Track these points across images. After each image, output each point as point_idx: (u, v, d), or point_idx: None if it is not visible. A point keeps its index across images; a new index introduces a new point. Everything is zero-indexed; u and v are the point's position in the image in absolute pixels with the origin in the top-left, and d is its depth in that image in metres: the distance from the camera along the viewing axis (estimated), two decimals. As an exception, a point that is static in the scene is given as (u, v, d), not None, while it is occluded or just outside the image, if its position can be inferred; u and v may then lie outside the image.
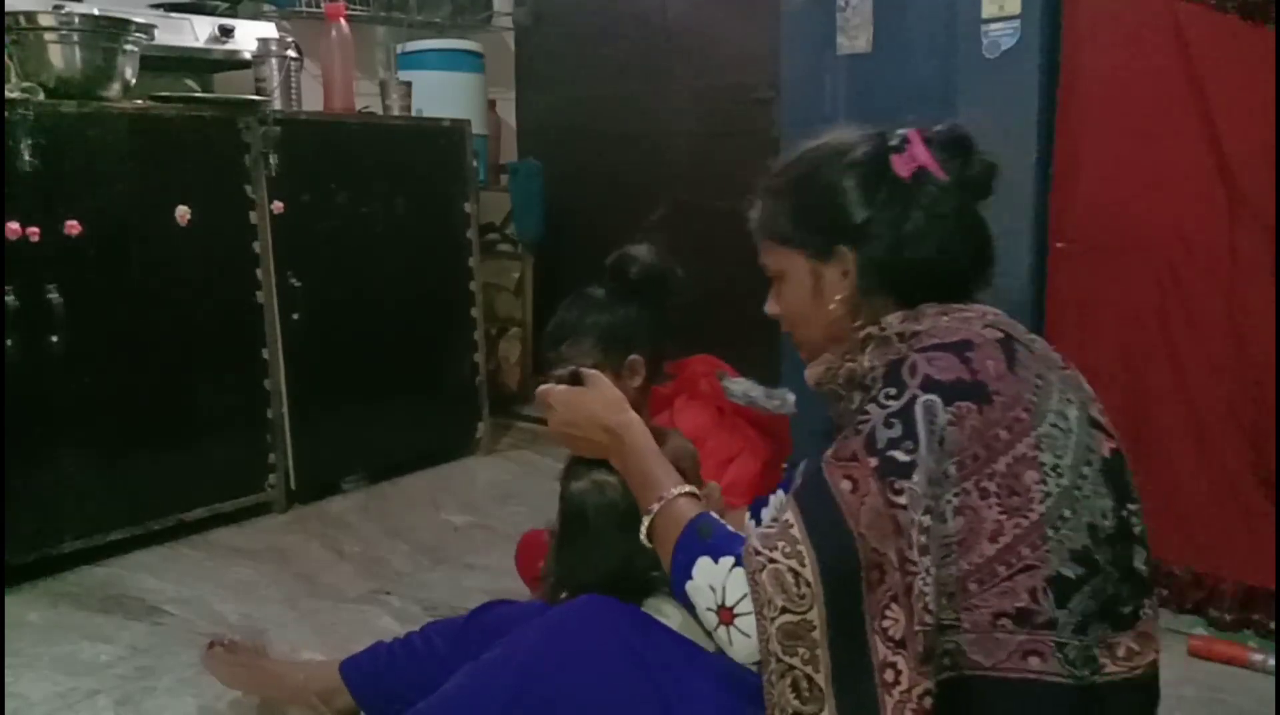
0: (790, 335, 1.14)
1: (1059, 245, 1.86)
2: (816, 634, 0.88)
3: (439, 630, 1.42)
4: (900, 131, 1.06)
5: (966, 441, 0.89)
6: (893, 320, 1.01)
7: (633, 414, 1.12)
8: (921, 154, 1.04)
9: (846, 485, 0.90)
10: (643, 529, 1.05)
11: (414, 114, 2.88)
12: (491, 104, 3.50)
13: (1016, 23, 1.85)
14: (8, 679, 1.66)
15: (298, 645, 1.77)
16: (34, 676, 1.68)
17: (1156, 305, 1.76)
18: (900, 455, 0.88)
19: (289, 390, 2.45)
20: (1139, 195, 1.76)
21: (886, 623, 0.87)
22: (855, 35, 2.11)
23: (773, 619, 0.89)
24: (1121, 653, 0.93)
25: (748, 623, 0.92)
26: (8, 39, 2.05)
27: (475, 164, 2.95)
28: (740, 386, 2.10)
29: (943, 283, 1.03)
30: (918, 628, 0.86)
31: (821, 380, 1.08)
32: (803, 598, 0.88)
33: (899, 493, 0.87)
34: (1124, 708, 0.93)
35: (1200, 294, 1.72)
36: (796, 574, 0.88)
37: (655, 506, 1.04)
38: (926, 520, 0.87)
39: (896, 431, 0.89)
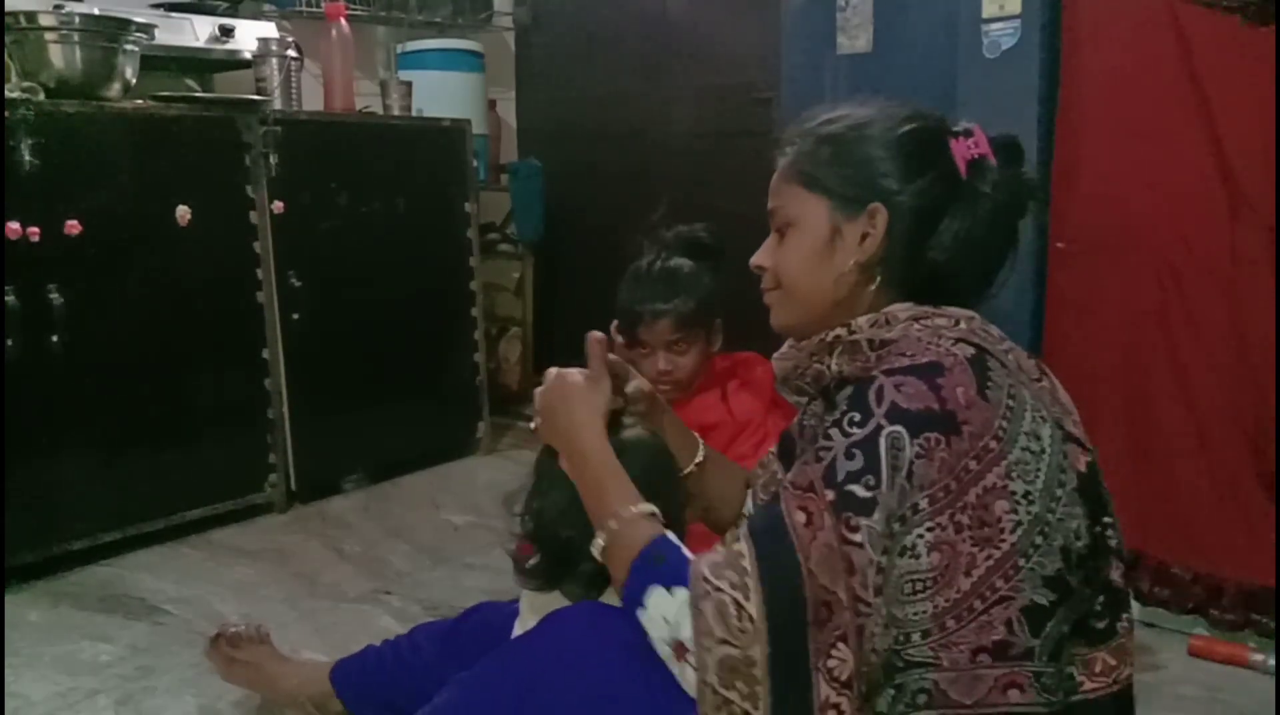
0: (768, 296, 1.05)
1: (1059, 245, 1.86)
2: (757, 670, 0.83)
3: (427, 634, 1.41)
4: (964, 123, 1.02)
5: (936, 474, 0.85)
6: (863, 322, 0.96)
7: (597, 421, 1.06)
8: (984, 145, 0.99)
9: (800, 517, 0.85)
10: (595, 546, 1.00)
11: (414, 114, 2.88)
12: (491, 104, 3.50)
13: (1016, 23, 1.85)
14: (8, 679, 1.66)
15: (298, 645, 1.77)
16: (34, 676, 1.68)
17: (1156, 305, 1.76)
18: (860, 490, 0.84)
19: (289, 390, 2.45)
20: (1139, 195, 1.76)
21: (832, 662, 0.83)
22: (855, 35, 2.11)
23: (709, 649, 0.84)
24: (1099, 668, 0.92)
25: None
26: (8, 39, 2.05)
27: (475, 164, 2.95)
28: None
29: (952, 288, 0.98)
30: (864, 669, 0.84)
31: (788, 376, 1.04)
32: (744, 632, 0.83)
33: (854, 530, 0.83)
34: None
35: (1200, 294, 1.71)
36: (740, 606, 0.84)
37: (612, 524, 0.98)
38: (884, 560, 0.83)
39: (857, 464, 0.85)
